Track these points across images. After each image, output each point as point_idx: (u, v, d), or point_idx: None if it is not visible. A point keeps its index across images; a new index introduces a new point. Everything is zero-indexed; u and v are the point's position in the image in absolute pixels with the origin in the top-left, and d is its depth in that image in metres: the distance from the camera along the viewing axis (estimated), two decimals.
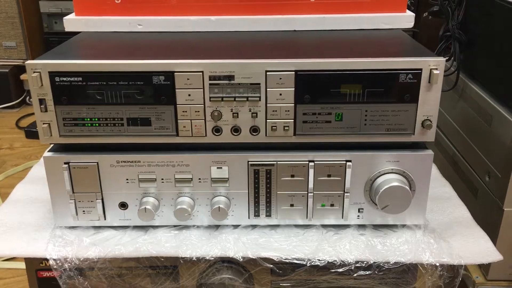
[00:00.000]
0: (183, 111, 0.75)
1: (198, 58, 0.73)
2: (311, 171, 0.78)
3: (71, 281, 0.79)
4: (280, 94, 0.74)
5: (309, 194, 0.79)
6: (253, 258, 0.78)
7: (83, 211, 0.81)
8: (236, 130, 0.76)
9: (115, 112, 0.75)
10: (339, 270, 0.77)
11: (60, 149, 0.79)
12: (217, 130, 0.76)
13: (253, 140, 0.77)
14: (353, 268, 0.77)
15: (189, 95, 0.74)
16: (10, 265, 1.32)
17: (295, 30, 0.90)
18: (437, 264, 0.77)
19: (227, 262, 0.81)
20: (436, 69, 0.72)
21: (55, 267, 0.77)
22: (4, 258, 1.32)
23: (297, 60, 0.73)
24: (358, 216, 0.81)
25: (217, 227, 0.83)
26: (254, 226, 0.83)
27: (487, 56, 1.07)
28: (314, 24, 0.90)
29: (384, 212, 0.78)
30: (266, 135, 0.76)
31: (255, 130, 0.76)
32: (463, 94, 1.17)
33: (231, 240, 0.80)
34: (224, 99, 0.74)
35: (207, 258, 0.78)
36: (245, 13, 0.90)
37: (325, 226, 0.83)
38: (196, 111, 0.75)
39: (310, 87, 0.73)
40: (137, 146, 0.78)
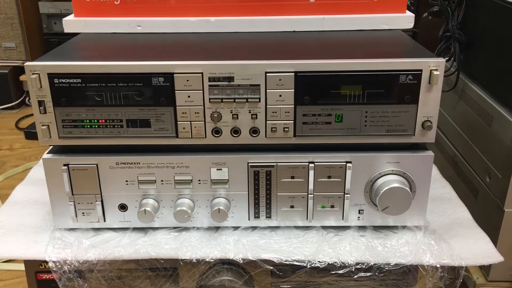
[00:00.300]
0: (183, 113, 0.75)
1: (197, 59, 0.73)
2: (311, 173, 0.78)
3: (71, 283, 0.79)
4: (280, 96, 0.74)
5: (309, 196, 0.79)
6: (253, 260, 0.77)
7: (83, 213, 0.80)
8: (236, 131, 0.76)
9: (114, 114, 0.75)
10: (339, 271, 0.77)
11: (59, 150, 0.79)
12: (217, 132, 0.76)
13: (253, 141, 0.77)
14: (353, 269, 0.77)
15: (188, 96, 0.74)
16: (9, 266, 1.32)
17: (294, 31, 0.90)
18: (438, 266, 0.77)
19: (227, 264, 0.80)
20: (436, 70, 0.72)
21: (54, 269, 0.77)
22: (3, 260, 1.32)
23: (297, 61, 0.72)
24: (359, 217, 0.81)
25: (217, 228, 0.83)
26: (254, 228, 0.83)
27: (487, 56, 1.07)
28: (313, 25, 0.90)
29: (385, 213, 0.78)
30: (266, 136, 0.76)
31: (255, 131, 0.76)
32: (463, 94, 1.17)
33: (231, 242, 0.79)
34: (224, 100, 0.74)
35: (207, 260, 0.78)
36: (244, 14, 0.89)
37: (325, 227, 0.83)
38: (195, 113, 0.75)
39: (310, 88, 0.73)
40: (137, 148, 0.78)
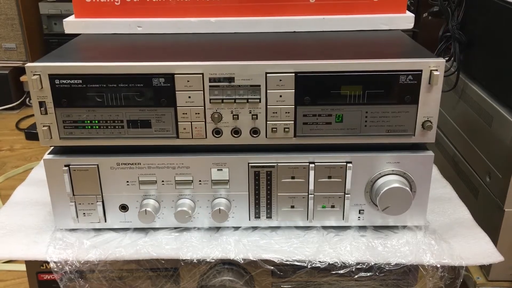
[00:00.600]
0: (183, 113, 0.75)
1: (198, 60, 0.73)
2: (311, 173, 0.78)
3: (72, 283, 0.79)
4: (280, 96, 0.74)
5: (309, 196, 0.79)
6: (254, 260, 0.77)
7: (84, 213, 0.81)
8: (236, 132, 0.76)
9: (115, 114, 0.75)
10: (340, 271, 0.77)
11: (60, 151, 0.79)
12: (218, 132, 0.76)
13: (253, 142, 0.77)
14: (354, 269, 0.77)
15: (189, 97, 0.74)
16: (10, 267, 1.32)
17: (294, 32, 0.90)
18: (438, 265, 0.77)
19: (227, 264, 0.81)
20: (436, 70, 0.72)
21: (55, 269, 0.77)
22: (4, 260, 1.32)
23: (297, 61, 0.73)
24: (359, 217, 0.81)
25: (218, 229, 0.83)
26: (255, 228, 0.83)
27: (487, 56, 1.07)
28: (313, 25, 0.90)
29: (385, 213, 0.78)
30: (267, 136, 0.76)
31: (255, 131, 0.76)
32: (463, 94, 1.17)
33: (231, 242, 0.80)
34: (224, 101, 0.74)
35: (207, 260, 0.78)
36: (244, 14, 0.90)
37: (325, 227, 0.83)
38: (196, 113, 0.75)
39: (310, 89, 0.73)
40: (138, 148, 0.78)
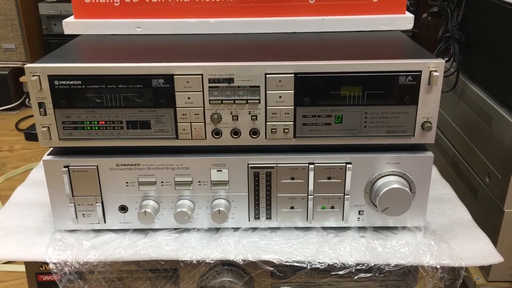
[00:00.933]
0: (183, 114, 0.75)
1: (197, 61, 0.73)
2: (311, 174, 0.78)
3: (71, 284, 0.79)
4: (280, 97, 0.74)
5: (309, 197, 0.79)
6: (254, 261, 0.77)
7: (83, 214, 0.81)
8: (236, 132, 0.76)
9: (114, 115, 0.75)
10: (339, 272, 0.77)
11: (59, 152, 0.79)
12: (217, 133, 0.76)
13: (253, 142, 0.77)
14: (353, 270, 0.77)
15: (188, 98, 0.74)
16: (10, 268, 1.32)
17: (294, 32, 0.90)
18: (438, 266, 0.77)
19: (227, 265, 0.80)
20: (436, 71, 0.72)
21: (55, 270, 0.77)
22: (3, 261, 1.32)
23: (297, 62, 0.73)
24: (359, 218, 0.81)
25: (217, 229, 0.83)
26: (255, 229, 0.83)
27: (486, 56, 1.07)
28: (313, 26, 0.90)
29: (385, 214, 0.78)
30: (266, 137, 0.76)
31: (255, 132, 0.76)
32: (462, 95, 1.17)
33: (231, 243, 0.80)
34: (224, 101, 0.74)
35: (207, 261, 0.78)
36: (244, 15, 0.90)
37: (325, 228, 0.83)
38: (195, 114, 0.75)
39: (309, 90, 0.73)
40: (137, 149, 0.78)
